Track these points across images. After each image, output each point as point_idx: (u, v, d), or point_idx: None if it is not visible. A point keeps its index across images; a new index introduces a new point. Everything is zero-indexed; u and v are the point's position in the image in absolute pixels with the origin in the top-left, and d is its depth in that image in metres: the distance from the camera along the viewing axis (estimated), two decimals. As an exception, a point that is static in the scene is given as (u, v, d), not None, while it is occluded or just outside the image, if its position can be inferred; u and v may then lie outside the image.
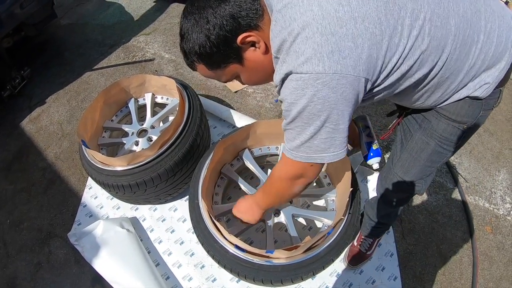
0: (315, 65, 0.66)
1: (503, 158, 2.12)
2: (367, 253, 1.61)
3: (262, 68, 0.85)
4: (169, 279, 1.67)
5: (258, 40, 0.78)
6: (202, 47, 0.79)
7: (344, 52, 0.65)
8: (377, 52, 0.69)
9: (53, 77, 2.92)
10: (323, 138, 0.77)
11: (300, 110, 0.73)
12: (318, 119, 0.73)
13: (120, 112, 2.03)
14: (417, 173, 1.14)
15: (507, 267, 1.70)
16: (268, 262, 1.25)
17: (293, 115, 0.75)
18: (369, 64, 0.69)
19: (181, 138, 1.63)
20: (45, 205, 2.07)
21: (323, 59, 0.65)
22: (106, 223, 1.71)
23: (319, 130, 0.75)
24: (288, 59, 0.70)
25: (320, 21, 0.65)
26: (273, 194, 1.09)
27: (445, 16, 0.73)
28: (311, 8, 0.67)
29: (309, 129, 0.76)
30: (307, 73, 0.67)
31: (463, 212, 1.88)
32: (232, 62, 0.83)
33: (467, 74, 0.83)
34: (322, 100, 0.69)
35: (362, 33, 0.66)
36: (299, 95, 0.71)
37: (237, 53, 0.81)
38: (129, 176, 1.56)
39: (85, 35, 3.36)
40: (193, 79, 2.70)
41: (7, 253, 1.90)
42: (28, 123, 2.57)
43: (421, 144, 1.07)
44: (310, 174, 0.91)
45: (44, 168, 2.25)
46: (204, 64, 0.84)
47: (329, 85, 0.67)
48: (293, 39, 0.68)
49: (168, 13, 3.48)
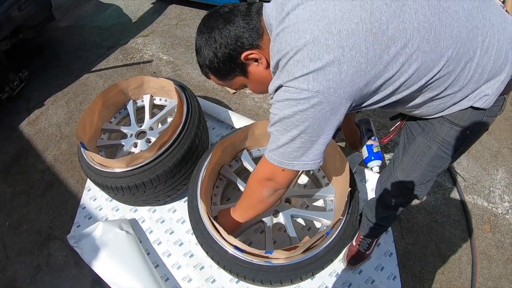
0: (301, 83, 0.74)
1: (501, 157, 2.12)
2: (366, 252, 1.61)
3: (264, 80, 0.94)
4: (169, 280, 1.67)
5: (260, 57, 0.90)
6: (211, 62, 0.93)
7: (328, 76, 0.73)
8: (360, 78, 0.75)
9: (51, 79, 2.92)
10: (297, 147, 0.84)
11: (282, 117, 0.81)
12: (295, 129, 0.81)
13: (118, 114, 2.03)
14: (418, 178, 1.14)
15: (506, 266, 1.70)
16: (268, 263, 1.25)
17: (276, 120, 0.83)
18: (352, 88, 0.75)
19: (179, 140, 1.63)
20: (44, 208, 2.06)
21: (308, 79, 0.73)
22: (105, 225, 1.71)
23: (294, 139, 0.82)
24: (282, 76, 0.79)
25: (311, 48, 0.73)
26: (248, 202, 1.19)
27: (435, 41, 0.75)
28: (304, 36, 0.74)
29: (286, 136, 0.83)
30: (294, 87, 0.76)
31: (461, 211, 1.88)
32: (238, 75, 0.96)
33: (464, 87, 0.85)
34: (302, 113, 0.77)
35: (348, 61, 0.72)
36: (285, 105, 0.79)
37: (241, 68, 0.93)
38: (128, 178, 1.56)
39: (83, 37, 3.37)
40: (191, 80, 2.70)
41: (7, 256, 1.90)
42: (26, 126, 2.57)
43: (423, 147, 1.07)
44: (280, 179, 0.97)
45: (43, 170, 2.25)
46: (214, 75, 0.99)
47: (310, 102, 0.75)
48: (287, 61, 0.77)
49: (166, 14, 3.48)
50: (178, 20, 3.38)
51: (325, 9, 0.74)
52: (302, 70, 0.74)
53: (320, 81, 0.73)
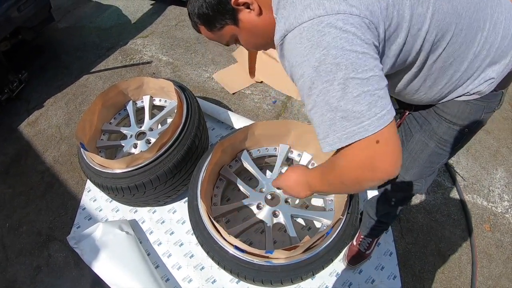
0: (315, 9, 0.60)
1: (500, 157, 2.13)
2: (366, 252, 1.61)
3: (257, 31, 0.84)
4: (169, 281, 1.67)
5: (251, 2, 0.78)
6: (200, 8, 0.83)
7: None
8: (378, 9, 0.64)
9: (51, 80, 2.92)
10: (355, 96, 0.60)
11: (315, 66, 0.61)
12: (339, 70, 0.60)
13: (118, 114, 2.03)
14: (416, 173, 1.14)
15: (506, 265, 1.71)
16: (268, 263, 1.25)
17: (311, 77, 0.63)
18: (372, 15, 0.63)
19: (179, 140, 1.63)
20: (44, 209, 2.06)
21: (322, 2, 0.60)
22: (105, 225, 1.71)
23: (346, 86, 0.60)
24: (286, 13, 0.66)
25: None
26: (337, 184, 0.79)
27: (452, 2, 0.73)
28: None
29: (332, 89, 0.61)
30: (308, 19, 0.60)
31: (461, 211, 1.89)
32: (228, 24, 0.84)
33: (471, 63, 0.82)
34: (334, 44, 0.59)
35: None
36: (307, 48, 0.62)
37: (232, 15, 0.82)
38: (128, 179, 1.56)
39: (82, 38, 3.37)
40: (191, 81, 2.70)
41: (7, 257, 1.89)
42: (26, 127, 2.57)
43: (420, 145, 1.07)
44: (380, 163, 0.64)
45: (42, 171, 2.25)
46: (203, 24, 0.88)
47: (336, 25, 0.59)
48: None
49: (165, 15, 3.48)
50: (178, 21, 3.38)
51: None
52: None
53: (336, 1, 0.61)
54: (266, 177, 1.64)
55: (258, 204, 1.54)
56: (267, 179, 1.62)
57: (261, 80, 2.60)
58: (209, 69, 2.79)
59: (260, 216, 1.50)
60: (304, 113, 2.37)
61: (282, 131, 1.63)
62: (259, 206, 1.54)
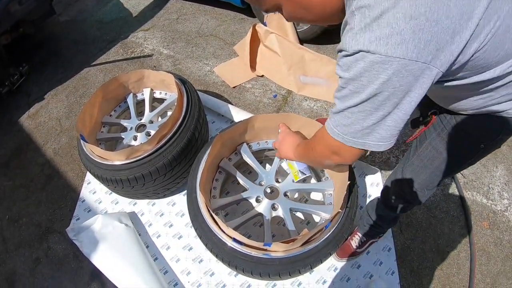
0: (410, 50, 0.57)
1: (501, 155, 2.12)
2: (357, 250, 1.61)
3: (308, 3, 0.72)
4: (167, 273, 1.67)
5: None
6: None
7: (440, 45, 0.58)
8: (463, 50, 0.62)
9: (52, 74, 2.92)
10: (388, 125, 0.68)
11: (373, 94, 0.63)
12: (390, 105, 0.64)
13: (118, 107, 2.03)
14: (424, 180, 1.14)
15: (504, 263, 1.70)
16: (266, 255, 1.25)
17: (363, 98, 0.65)
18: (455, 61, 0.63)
19: (179, 133, 1.63)
20: (44, 201, 2.07)
21: (419, 46, 0.57)
22: (105, 218, 1.71)
23: (387, 115, 0.66)
24: (376, 29, 0.58)
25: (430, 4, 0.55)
26: (309, 150, 1.00)
27: None
28: None
29: (375, 115, 0.67)
30: (398, 57, 0.57)
31: (460, 208, 1.88)
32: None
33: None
34: (404, 87, 0.61)
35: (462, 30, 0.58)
36: (377, 77, 0.61)
37: None
38: (127, 170, 1.56)
39: (83, 32, 3.36)
40: (191, 74, 2.70)
41: (6, 249, 1.90)
42: (26, 119, 2.57)
43: (434, 152, 1.06)
44: (348, 156, 0.81)
45: (42, 164, 2.26)
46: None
47: (415, 74, 0.59)
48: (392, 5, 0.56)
49: (166, 9, 3.47)
50: (179, 14, 3.37)
51: None
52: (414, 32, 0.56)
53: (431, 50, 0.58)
54: (266, 170, 1.63)
55: (257, 197, 1.54)
56: (267, 172, 1.62)
57: (261, 74, 2.59)
58: (209, 63, 2.79)
59: (259, 209, 1.50)
60: (304, 107, 2.37)
61: (282, 125, 1.63)
62: (258, 199, 1.54)
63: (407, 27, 0.55)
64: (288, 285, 1.60)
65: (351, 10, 0.62)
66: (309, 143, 1.02)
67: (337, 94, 0.71)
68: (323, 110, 2.34)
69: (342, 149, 0.79)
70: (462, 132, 0.97)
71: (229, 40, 2.97)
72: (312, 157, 0.99)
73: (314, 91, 2.43)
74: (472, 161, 1.04)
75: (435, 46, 0.57)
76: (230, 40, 2.97)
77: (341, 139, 0.75)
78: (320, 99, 2.40)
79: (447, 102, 0.95)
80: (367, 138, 0.71)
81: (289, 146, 1.23)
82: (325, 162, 0.92)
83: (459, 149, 1.01)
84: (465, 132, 0.96)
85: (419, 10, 0.55)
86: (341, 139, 0.75)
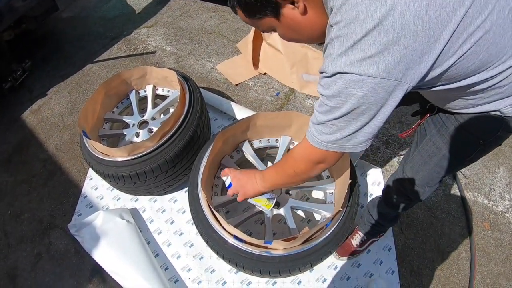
0: (381, 70, 0.64)
1: (502, 156, 2.11)
2: (357, 248, 1.62)
3: (298, 28, 0.82)
4: (168, 269, 1.68)
5: (297, 0, 0.76)
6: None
7: (409, 64, 0.64)
8: (438, 65, 0.69)
9: (54, 70, 2.92)
10: (365, 132, 0.76)
11: (352, 108, 0.71)
12: (367, 117, 0.72)
13: (121, 103, 2.03)
14: (424, 177, 1.14)
15: (504, 264, 1.70)
16: (266, 253, 1.25)
17: (342, 112, 0.73)
18: (426, 75, 0.69)
19: (181, 130, 1.63)
20: (46, 196, 2.07)
21: (389, 67, 0.64)
22: (106, 214, 1.72)
23: (365, 125, 0.74)
24: (351, 54, 0.66)
25: (398, 31, 0.62)
26: (289, 174, 1.04)
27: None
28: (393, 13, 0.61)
29: (354, 125, 0.75)
30: (372, 76, 0.65)
31: (461, 208, 1.88)
32: (269, 15, 0.81)
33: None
34: (378, 102, 0.69)
35: (429, 51, 0.64)
36: (354, 93, 0.69)
37: (274, 8, 0.79)
38: (129, 167, 1.57)
39: (86, 28, 3.36)
40: (194, 72, 2.70)
41: (8, 244, 1.91)
42: (29, 115, 2.58)
43: (434, 148, 1.07)
44: (332, 160, 0.90)
45: (45, 159, 2.26)
46: (242, 11, 0.85)
47: (388, 90, 0.67)
48: (364, 34, 0.63)
49: (169, 6, 3.47)
50: (182, 11, 3.37)
51: None
52: (383, 54, 0.63)
53: (401, 69, 0.65)
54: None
55: (258, 195, 1.54)
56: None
57: (264, 72, 2.59)
58: (212, 60, 2.79)
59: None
60: (306, 105, 2.37)
61: (284, 123, 1.63)
62: (259, 197, 1.54)
63: (377, 52, 0.63)
64: (288, 283, 1.60)
65: (331, 37, 0.70)
66: (284, 166, 1.05)
67: (318, 109, 0.79)
68: (325, 109, 2.33)
69: (326, 156, 0.87)
70: (460, 128, 0.98)
71: (232, 38, 2.97)
72: (294, 176, 1.02)
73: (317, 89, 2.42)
74: (472, 159, 1.04)
75: (404, 66, 0.64)
76: (233, 37, 2.96)
77: (322, 147, 0.83)
78: (322, 98, 2.39)
79: (440, 102, 0.99)
80: (347, 144, 0.80)
81: (250, 183, 1.17)
82: (312, 174, 0.99)
83: (458, 145, 1.01)
84: (463, 128, 0.97)
85: (387, 37, 0.61)
86: (323, 147, 0.83)
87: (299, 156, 0.97)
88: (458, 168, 1.12)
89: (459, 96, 0.88)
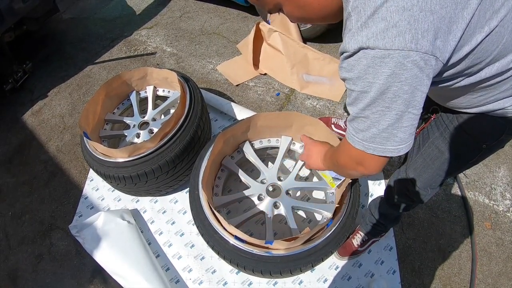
0: (408, 41, 0.57)
1: (503, 155, 2.11)
2: (358, 248, 1.62)
3: (305, 3, 0.74)
4: (169, 270, 1.68)
5: None
6: None
7: (438, 34, 0.58)
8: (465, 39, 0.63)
9: (55, 71, 2.93)
10: (405, 126, 0.67)
11: (381, 90, 0.63)
12: (402, 103, 0.64)
13: (121, 104, 2.04)
14: (427, 179, 1.14)
15: (506, 263, 1.70)
16: (267, 253, 1.25)
17: (372, 97, 0.65)
18: (453, 53, 0.64)
19: (182, 130, 1.63)
20: (47, 198, 2.08)
21: (417, 36, 0.57)
22: (107, 215, 1.72)
23: (401, 115, 0.65)
24: (372, 25, 0.59)
25: None
26: (334, 162, 0.99)
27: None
28: None
29: (389, 115, 0.66)
30: (398, 49, 0.58)
31: (462, 208, 1.88)
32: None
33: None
34: (409, 81, 0.61)
35: (458, 20, 0.59)
36: (384, 74, 0.61)
37: None
38: (130, 168, 1.57)
39: (87, 29, 3.37)
40: (194, 72, 2.70)
41: (9, 245, 1.91)
42: (30, 117, 2.58)
43: (436, 152, 1.06)
44: (372, 165, 0.79)
45: (45, 161, 2.27)
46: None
47: (419, 64, 0.59)
48: (385, 0, 0.57)
49: (170, 7, 3.48)
50: (182, 12, 3.37)
51: None
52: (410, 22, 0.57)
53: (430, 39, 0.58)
54: (268, 168, 1.64)
55: (259, 195, 1.55)
56: (269, 170, 1.62)
57: (264, 72, 2.59)
58: (213, 61, 2.79)
59: (261, 207, 1.50)
60: (307, 106, 2.37)
61: (284, 123, 1.63)
62: (260, 197, 1.55)
63: (402, 19, 0.56)
64: (289, 283, 1.60)
65: (348, 12, 0.63)
66: (334, 154, 0.99)
67: (348, 101, 0.72)
68: (325, 108, 2.34)
69: (365, 158, 0.77)
70: (463, 132, 0.97)
71: (232, 38, 2.97)
72: (338, 167, 0.96)
73: (317, 89, 2.43)
74: (475, 161, 1.04)
75: (433, 35, 0.57)
76: (233, 38, 2.97)
77: (361, 147, 0.74)
78: (323, 98, 2.40)
79: (446, 100, 0.96)
80: (387, 143, 0.70)
81: (316, 157, 1.22)
82: (351, 173, 0.90)
83: (461, 149, 1.01)
84: (466, 132, 0.96)
85: (411, 1, 0.55)
86: (361, 147, 0.74)
87: (342, 147, 0.89)
88: (461, 170, 1.12)
89: (471, 90, 0.83)
